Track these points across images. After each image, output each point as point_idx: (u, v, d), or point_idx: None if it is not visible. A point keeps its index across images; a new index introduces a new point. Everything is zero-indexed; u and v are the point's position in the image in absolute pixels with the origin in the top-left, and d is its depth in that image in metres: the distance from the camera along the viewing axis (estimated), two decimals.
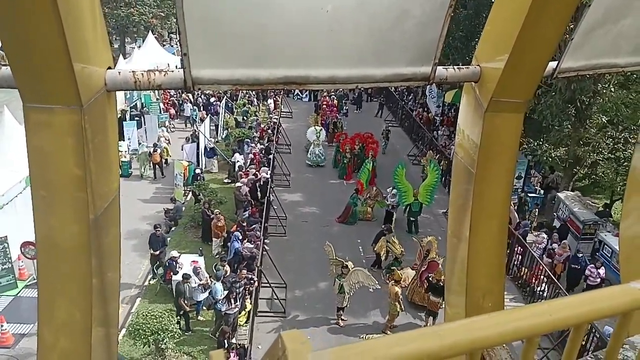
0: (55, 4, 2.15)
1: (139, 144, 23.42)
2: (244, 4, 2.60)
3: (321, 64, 3.02)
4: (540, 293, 15.17)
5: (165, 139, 24.12)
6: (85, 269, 2.53)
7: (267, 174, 19.72)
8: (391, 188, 18.42)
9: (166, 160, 22.79)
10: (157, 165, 22.12)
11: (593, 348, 10.87)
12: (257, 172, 19.83)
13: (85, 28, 2.47)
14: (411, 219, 18.15)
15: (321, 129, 23.79)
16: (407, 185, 17.82)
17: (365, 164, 20.04)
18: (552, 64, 3.71)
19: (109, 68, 2.73)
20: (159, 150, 22.44)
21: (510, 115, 3.45)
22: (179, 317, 13.13)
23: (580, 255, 15.12)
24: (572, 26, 3.73)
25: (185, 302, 13.16)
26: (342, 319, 13.59)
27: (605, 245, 17.01)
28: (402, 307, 13.45)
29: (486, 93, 3.39)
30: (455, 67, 3.46)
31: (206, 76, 2.80)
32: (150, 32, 36.70)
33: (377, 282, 13.25)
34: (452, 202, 4.03)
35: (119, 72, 2.73)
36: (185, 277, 13.25)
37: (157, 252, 15.02)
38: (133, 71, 2.78)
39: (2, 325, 12.15)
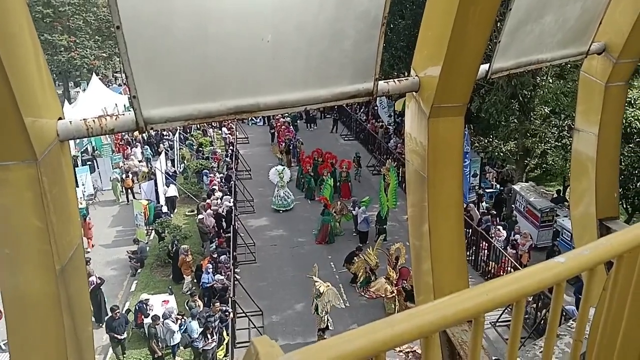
0: (0, 62, 2.19)
1: (106, 179, 23.81)
2: (185, 41, 2.69)
3: (269, 90, 3.14)
4: None
5: (136, 166, 24.53)
6: (57, 321, 2.52)
7: (230, 202, 19.61)
8: (358, 206, 18.75)
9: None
10: (129, 190, 22.92)
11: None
12: (218, 202, 19.70)
13: (33, 81, 2.51)
14: (384, 226, 18.47)
15: (284, 169, 21.99)
16: (384, 196, 18.45)
17: (326, 180, 20.35)
18: (485, 66, 3.96)
19: (60, 118, 2.76)
20: (130, 176, 23.26)
21: (452, 119, 3.66)
22: None
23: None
24: (497, 29, 3.99)
25: (158, 344, 12.83)
26: (323, 339, 13.56)
27: (565, 230, 17.70)
28: (397, 305, 13.66)
29: (427, 101, 3.58)
30: (396, 79, 3.65)
31: (157, 115, 2.86)
32: (94, 74, 36.09)
33: (343, 301, 13.44)
34: (410, 206, 4.19)
35: (70, 122, 2.76)
36: (154, 318, 12.94)
37: (123, 337, 13.40)
38: (84, 119, 2.81)
39: None
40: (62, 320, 2.52)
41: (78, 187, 21.97)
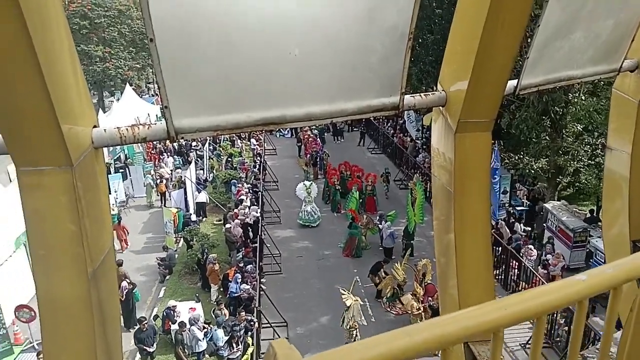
0: (40, 71, 2.31)
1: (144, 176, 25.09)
2: (214, 55, 2.78)
3: (296, 103, 3.20)
4: None
5: (168, 173, 25.78)
6: (88, 322, 2.61)
7: (256, 213, 19.77)
8: (385, 220, 18.66)
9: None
10: (163, 195, 24.01)
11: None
12: (245, 212, 19.90)
13: (70, 91, 2.63)
14: (411, 242, 18.33)
15: (311, 184, 21.47)
16: (412, 210, 18.38)
17: (352, 193, 20.35)
18: (513, 82, 3.94)
19: (95, 126, 2.88)
20: (164, 181, 24.46)
21: (479, 134, 3.64)
22: None
23: None
24: (527, 45, 3.97)
25: (184, 351, 12.95)
26: None
27: (598, 251, 17.15)
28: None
29: (454, 116, 3.59)
30: (422, 94, 3.67)
31: (187, 125, 2.95)
32: (127, 84, 37.14)
33: (365, 318, 13.33)
34: (436, 220, 4.18)
35: (105, 130, 2.88)
36: (181, 325, 13.11)
37: (153, 349, 13.49)
38: (118, 127, 2.93)
39: None
40: (93, 322, 2.61)
41: (110, 193, 22.56)
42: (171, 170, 26.85)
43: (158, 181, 24.39)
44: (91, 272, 2.59)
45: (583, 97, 18.59)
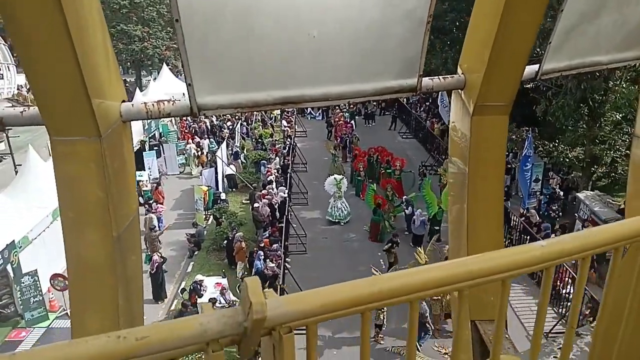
0: (73, 50, 2.48)
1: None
2: (237, 36, 2.90)
3: (314, 83, 3.30)
4: (567, 295, 15.05)
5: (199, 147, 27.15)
6: (111, 280, 2.82)
7: (284, 193, 20.05)
8: (412, 205, 18.82)
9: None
10: (202, 165, 25.57)
11: None
12: (273, 192, 20.22)
13: (100, 67, 2.80)
14: (435, 227, 18.36)
15: (342, 178, 20.85)
16: (432, 195, 18.42)
17: (370, 185, 20.67)
18: (535, 67, 3.93)
19: (124, 101, 3.06)
20: (204, 152, 26.07)
21: (496, 117, 3.67)
22: None
23: None
24: (547, 28, 3.95)
25: None
26: (380, 336, 13.63)
27: None
28: (442, 306, 13.67)
29: (471, 99, 3.62)
30: (441, 77, 3.71)
31: (210, 102, 3.10)
32: (164, 64, 37.77)
33: None
34: (450, 203, 4.24)
35: (132, 105, 3.06)
36: (212, 300, 13.55)
37: None
38: (145, 103, 3.10)
39: None
40: (116, 280, 2.82)
41: (145, 170, 23.19)
42: (205, 152, 27.51)
43: (199, 153, 25.88)
44: (116, 236, 2.80)
45: (624, 85, 18.00)
